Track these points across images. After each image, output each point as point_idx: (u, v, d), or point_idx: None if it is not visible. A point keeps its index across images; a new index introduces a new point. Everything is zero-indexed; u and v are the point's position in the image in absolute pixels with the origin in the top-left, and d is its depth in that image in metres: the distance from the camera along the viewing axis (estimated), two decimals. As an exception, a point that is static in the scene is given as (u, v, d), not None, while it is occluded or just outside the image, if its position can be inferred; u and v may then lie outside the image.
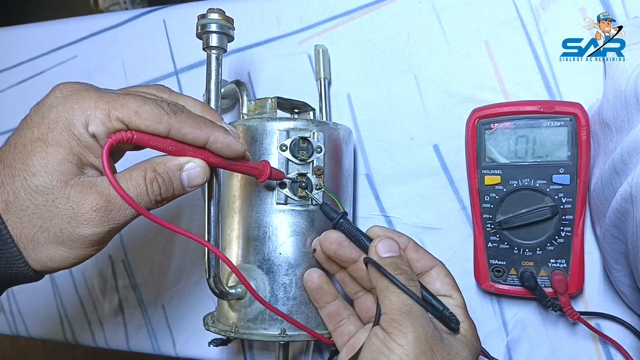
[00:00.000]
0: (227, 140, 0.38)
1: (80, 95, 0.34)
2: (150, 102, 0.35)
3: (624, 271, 0.47)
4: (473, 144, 0.50)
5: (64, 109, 0.34)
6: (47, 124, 0.34)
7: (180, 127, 0.36)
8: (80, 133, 0.33)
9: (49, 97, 0.35)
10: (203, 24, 0.45)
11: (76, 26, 0.73)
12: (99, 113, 0.33)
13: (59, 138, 0.33)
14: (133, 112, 0.34)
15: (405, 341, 0.35)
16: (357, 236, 0.43)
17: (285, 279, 0.47)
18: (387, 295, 0.38)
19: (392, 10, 0.58)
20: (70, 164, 0.34)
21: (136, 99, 0.35)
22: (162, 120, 0.35)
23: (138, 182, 0.36)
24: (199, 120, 0.37)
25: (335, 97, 0.60)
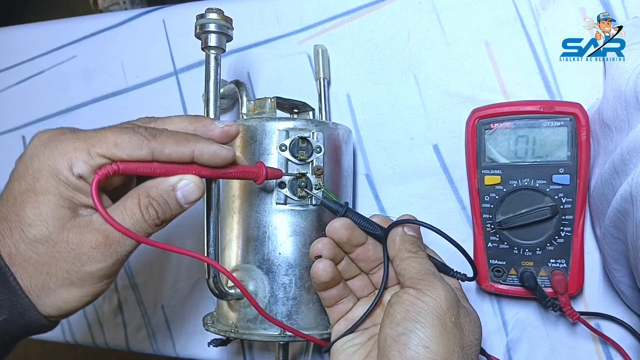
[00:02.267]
0: (212, 149, 0.37)
1: (58, 140, 0.34)
2: (128, 131, 0.35)
3: (624, 271, 0.47)
4: (473, 144, 0.50)
5: (45, 157, 0.34)
6: (32, 174, 0.34)
7: (162, 148, 0.35)
8: (66, 177, 0.34)
9: (29, 147, 0.35)
10: (201, 23, 0.45)
11: (75, 26, 0.73)
12: (79, 153, 0.34)
13: (47, 186, 0.34)
14: (112, 144, 0.34)
15: (437, 293, 0.38)
16: (364, 222, 0.45)
17: (285, 279, 0.47)
18: (409, 263, 0.42)
19: (392, 10, 0.58)
20: (63, 209, 0.34)
21: (113, 131, 0.35)
22: (143, 145, 0.35)
23: (133, 212, 0.36)
24: (180, 136, 0.37)
25: (335, 97, 0.60)
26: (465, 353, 0.38)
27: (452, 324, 0.38)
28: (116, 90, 0.70)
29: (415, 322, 0.37)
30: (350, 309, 0.47)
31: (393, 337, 0.38)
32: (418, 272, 0.41)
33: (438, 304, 0.38)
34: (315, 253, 0.45)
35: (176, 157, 0.36)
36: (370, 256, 0.46)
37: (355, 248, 0.45)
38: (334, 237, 0.44)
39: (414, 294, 0.39)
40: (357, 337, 0.45)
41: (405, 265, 0.42)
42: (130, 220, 0.36)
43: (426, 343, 0.36)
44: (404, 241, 0.44)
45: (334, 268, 0.45)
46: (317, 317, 0.48)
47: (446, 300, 0.38)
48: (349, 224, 0.44)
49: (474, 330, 0.40)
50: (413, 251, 0.43)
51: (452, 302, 0.39)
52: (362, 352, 0.44)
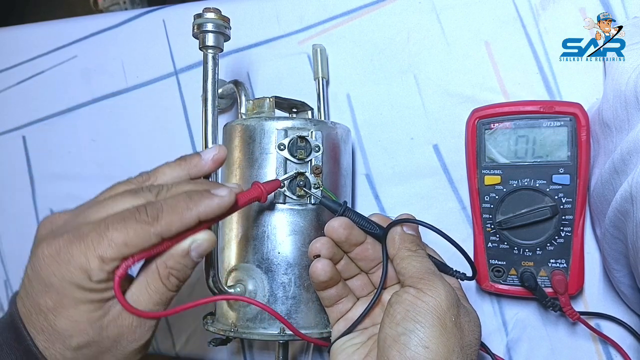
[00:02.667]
0: (214, 205, 0.37)
1: (67, 253, 0.34)
2: (131, 222, 0.35)
3: (624, 271, 0.47)
4: (473, 144, 0.50)
5: (62, 273, 0.34)
6: (57, 291, 0.34)
7: (169, 228, 0.35)
8: (89, 287, 0.34)
9: (37, 262, 0.35)
10: (199, 23, 0.45)
11: (76, 26, 0.73)
12: (93, 264, 0.34)
13: (74, 299, 0.34)
14: (122, 245, 0.34)
15: (437, 293, 0.38)
16: (363, 221, 0.45)
17: (285, 278, 0.47)
18: (410, 261, 0.42)
19: (392, 10, 0.58)
20: (96, 312, 0.35)
21: (116, 228, 0.34)
22: (150, 235, 0.35)
23: (157, 287, 0.37)
24: (181, 206, 0.36)
25: (335, 97, 0.60)
26: (465, 353, 0.38)
27: (452, 324, 0.38)
28: (116, 90, 0.70)
29: (415, 322, 0.37)
30: (349, 308, 0.47)
31: (393, 337, 0.38)
32: (418, 271, 0.41)
33: (438, 303, 0.38)
34: (313, 252, 0.44)
35: (184, 229, 0.36)
36: (370, 255, 0.46)
37: (354, 247, 0.45)
38: (333, 237, 0.44)
39: (414, 293, 0.39)
40: (356, 336, 0.45)
41: (406, 264, 0.42)
42: (157, 296, 0.37)
43: (426, 343, 0.36)
44: (404, 240, 0.43)
45: (333, 267, 0.44)
46: (317, 316, 0.48)
47: (446, 300, 0.38)
48: (348, 223, 0.44)
49: (474, 329, 0.40)
50: (413, 250, 0.43)
51: (452, 302, 0.39)
52: (362, 352, 0.43)
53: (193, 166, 0.41)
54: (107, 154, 0.70)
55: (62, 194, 0.72)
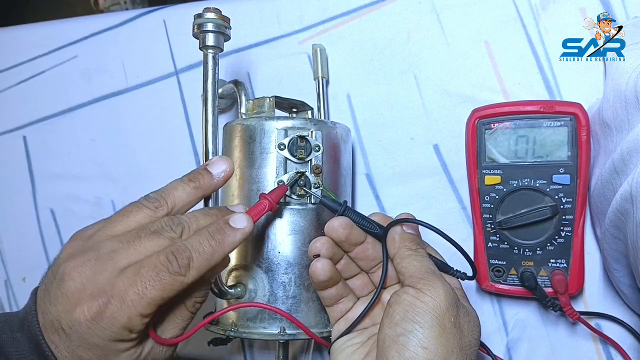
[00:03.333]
0: (237, 240, 0.39)
1: (109, 315, 0.35)
2: (164, 275, 0.36)
3: (624, 271, 0.47)
4: (473, 144, 0.50)
5: (105, 334, 0.35)
6: (100, 349, 0.36)
7: (199, 274, 0.37)
8: (131, 338, 0.36)
9: (77, 325, 0.35)
10: (199, 23, 0.45)
11: (76, 26, 0.73)
12: (135, 322, 0.35)
13: (117, 350, 0.36)
14: (159, 300, 0.35)
15: (436, 293, 0.38)
16: (363, 221, 0.45)
17: (285, 278, 0.47)
18: (410, 261, 0.42)
19: (392, 10, 0.58)
20: (135, 354, 0.38)
21: (153, 285, 0.35)
22: (183, 284, 0.36)
23: (184, 316, 0.40)
24: (208, 250, 0.38)
25: (335, 97, 0.60)
26: (465, 353, 0.38)
27: (451, 325, 0.38)
28: (117, 90, 0.70)
29: (414, 322, 0.37)
30: (350, 308, 0.47)
31: (392, 338, 0.38)
32: (418, 271, 0.40)
33: (437, 304, 0.38)
34: (313, 252, 0.44)
35: (214, 265, 0.38)
36: (370, 255, 0.46)
37: (354, 247, 0.45)
38: (333, 236, 0.44)
39: (413, 293, 0.39)
40: (356, 336, 0.45)
41: (406, 264, 0.42)
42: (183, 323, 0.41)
43: (425, 344, 0.36)
44: (404, 239, 0.43)
45: (333, 267, 0.44)
46: (317, 316, 0.48)
47: (446, 300, 0.38)
48: (348, 223, 0.44)
49: (473, 330, 0.40)
50: (413, 249, 0.43)
51: (451, 302, 0.38)
52: (362, 352, 0.43)
53: (206, 186, 0.42)
54: (107, 154, 0.70)
55: (62, 193, 0.72)
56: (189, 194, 0.42)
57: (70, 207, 0.72)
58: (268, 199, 0.43)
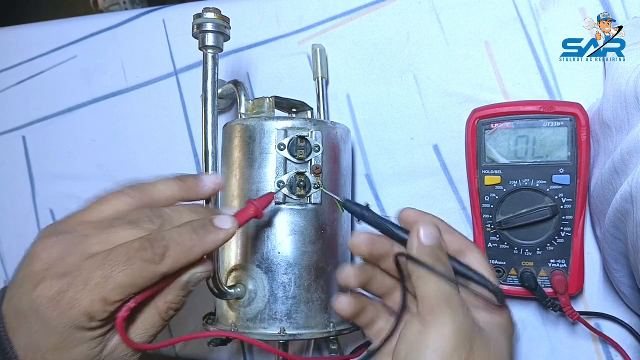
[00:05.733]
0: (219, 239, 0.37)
1: (70, 296, 0.33)
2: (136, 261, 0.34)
3: (624, 271, 0.47)
4: (473, 144, 0.50)
5: (65, 317, 0.33)
6: (58, 334, 0.33)
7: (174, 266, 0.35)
8: (91, 326, 0.34)
9: (38, 302, 0.33)
10: (198, 23, 0.45)
11: (76, 26, 0.73)
12: (97, 307, 0.33)
13: (75, 339, 0.34)
14: (127, 287, 0.33)
15: (444, 330, 0.34)
16: (386, 227, 0.40)
17: (285, 278, 0.47)
18: (425, 282, 0.36)
19: (392, 10, 0.58)
20: (95, 348, 0.35)
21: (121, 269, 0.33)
22: (156, 274, 0.34)
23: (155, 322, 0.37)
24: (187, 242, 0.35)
25: (334, 97, 0.60)
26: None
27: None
28: (116, 90, 0.70)
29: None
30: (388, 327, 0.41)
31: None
32: (431, 296, 0.35)
33: (443, 343, 0.33)
34: (341, 283, 0.40)
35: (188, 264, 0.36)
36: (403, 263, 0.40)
37: (384, 259, 0.40)
38: (356, 254, 0.41)
39: (419, 328, 0.35)
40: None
41: (420, 285, 0.36)
42: (153, 330, 0.37)
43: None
44: (421, 254, 0.37)
45: (357, 303, 0.40)
46: (317, 316, 0.48)
47: (454, 338, 0.33)
48: (364, 240, 0.39)
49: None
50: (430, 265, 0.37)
51: (462, 339, 0.33)
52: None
53: (191, 189, 0.40)
54: (107, 154, 0.70)
55: (62, 194, 0.72)
56: (172, 190, 0.39)
57: (70, 207, 0.70)
58: (254, 205, 0.41)
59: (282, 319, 0.46)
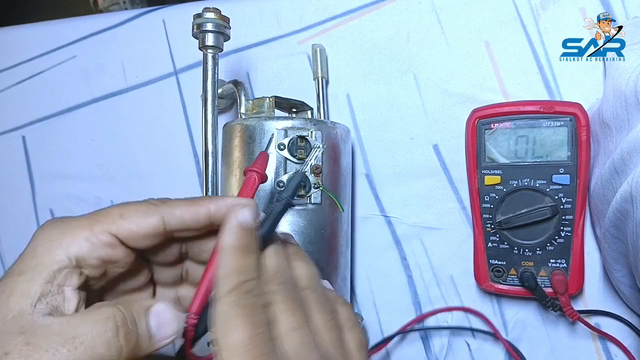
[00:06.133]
0: (228, 202, 0.32)
1: (60, 221, 0.30)
2: (135, 202, 0.32)
3: (624, 271, 0.47)
4: (473, 144, 0.50)
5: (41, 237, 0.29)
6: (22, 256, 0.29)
7: (172, 210, 0.31)
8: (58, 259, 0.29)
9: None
10: (199, 23, 0.45)
11: (75, 26, 0.73)
12: (81, 230, 0.30)
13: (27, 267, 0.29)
14: (117, 215, 0.30)
15: None
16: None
17: (284, 279, 0.47)
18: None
19: (392, 10, 0.58)
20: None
21: (119, 205, 0.31)
22: (151, 211, 0.31)
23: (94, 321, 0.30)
24: (193, 198, 0.33)
25: (334, 97, 0.60)
26: None
27: None
28: (116, 90, 0.70)
29: None
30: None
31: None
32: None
33: None
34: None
35: (189, 218, 0.32)
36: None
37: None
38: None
39: None
40: None
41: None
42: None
43: None
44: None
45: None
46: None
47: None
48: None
49: None
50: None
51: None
52: None
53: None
54: (107, 154, 0.70)
55: (62, 193, 0.72)
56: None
57: (69, 207, 0.71)
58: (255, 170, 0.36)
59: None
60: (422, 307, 0.57)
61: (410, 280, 0.57)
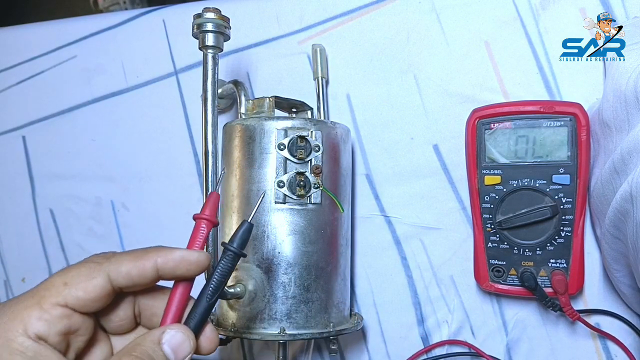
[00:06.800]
0: (177, 255, 0.32)
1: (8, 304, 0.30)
2: (77, 265, 0.31)
3: (624, 271, 0.47)
4: (473, 144, 0.50)
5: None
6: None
7: (118, 267, 0.31)
8: (20, 343, 0.28)
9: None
10: (199, 23, 0.45)
11: (76, 26, 0.73)
12: (31, 311, 0.29)
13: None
14: (61, 285, 0.30)
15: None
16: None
17: (285, 278, 0.47)
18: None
19: (392, 10, 0.58)
20: None
21: (60, 272, 0.31)
22: (95, 272, 0.31)
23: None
24: (138, 251, 0.32)
25: (334, 97, 0.60)
26: None
27: None
28: (116, 90, 0.70)
29: None
30: None
31: None
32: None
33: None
34: None
35: (136, 274, 0.32)
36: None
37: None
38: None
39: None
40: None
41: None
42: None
43: None
44: None
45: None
46: (317, 316, 0.48)
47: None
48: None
49: None
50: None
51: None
52: None
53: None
54: (107, 154, 0.70)
55: (62, 194, 0.72)
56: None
57: (69, 207, 0.71)
58: (204, 219, 0.36)
59: (282, 319, 0.47)
60: (422, 307, 0.57)
61: (410, 280, 0.57)
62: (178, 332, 0.32)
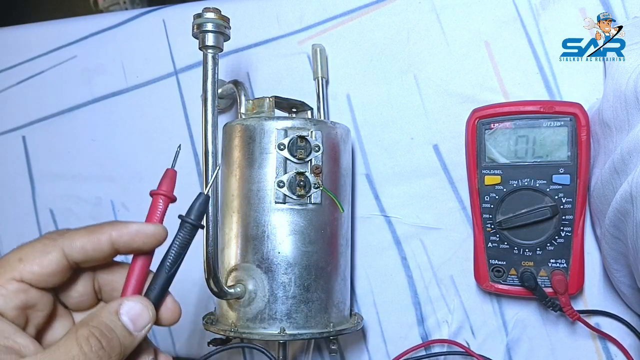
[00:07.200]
0: (132, 228, 0.32)
1: None
2: (32, 242, 0.31)
3: (624, 271, 0.47)
4: (473, 144, 0.50)
5: None
6: None
7: (71, 242, 0.31)
8: None
9: None
10: (199, 23, 0.45)
11: (76, 26, 0.73)
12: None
13: None
14: (16, 261, 0.30)
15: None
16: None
17: (285, 278, 0.47)
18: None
19: (392, 10, 0.58)
20: None
21: (17, 249, 0.31)
22: (49, 247, 0.30)
23: (68, 348, 0.29)
24: (93, 225, 0.32)
25: (334, 97, 0.60)
26: None
27: None
28: (116, 90, 0.70)
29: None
30: None
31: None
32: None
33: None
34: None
35: (91, 249, 0.31)
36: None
37: None
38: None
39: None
40: None
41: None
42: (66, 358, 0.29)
43: None
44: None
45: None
46: (317, 316, 0.48)
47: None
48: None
49: None
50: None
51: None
52: None
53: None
54: (107, 154, 0.70)
55: (62, 194, 0.72)
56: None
57: (69, 207, 0.72)
58: (161, 194, 0.35)
59: (282, 319, 0.47)
60: (422, 307, 0.57)
61: (410, 280, 0.57)
62: (137, 302, 0.32)
